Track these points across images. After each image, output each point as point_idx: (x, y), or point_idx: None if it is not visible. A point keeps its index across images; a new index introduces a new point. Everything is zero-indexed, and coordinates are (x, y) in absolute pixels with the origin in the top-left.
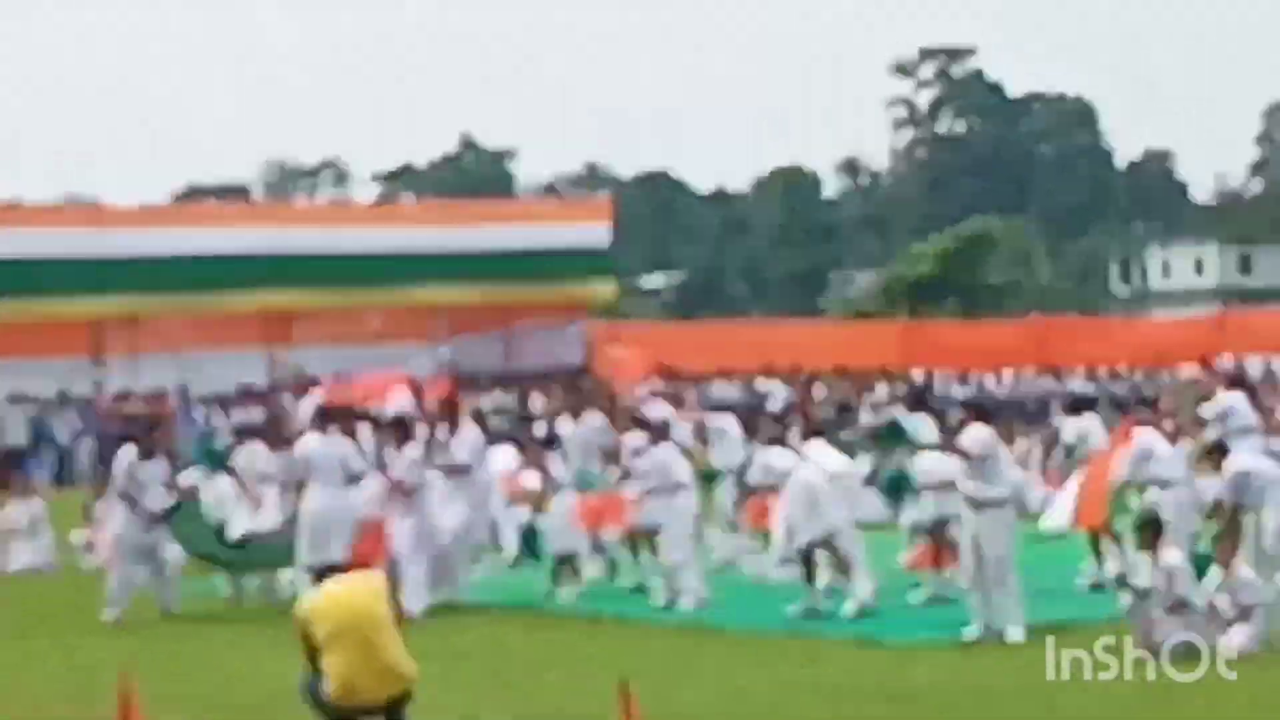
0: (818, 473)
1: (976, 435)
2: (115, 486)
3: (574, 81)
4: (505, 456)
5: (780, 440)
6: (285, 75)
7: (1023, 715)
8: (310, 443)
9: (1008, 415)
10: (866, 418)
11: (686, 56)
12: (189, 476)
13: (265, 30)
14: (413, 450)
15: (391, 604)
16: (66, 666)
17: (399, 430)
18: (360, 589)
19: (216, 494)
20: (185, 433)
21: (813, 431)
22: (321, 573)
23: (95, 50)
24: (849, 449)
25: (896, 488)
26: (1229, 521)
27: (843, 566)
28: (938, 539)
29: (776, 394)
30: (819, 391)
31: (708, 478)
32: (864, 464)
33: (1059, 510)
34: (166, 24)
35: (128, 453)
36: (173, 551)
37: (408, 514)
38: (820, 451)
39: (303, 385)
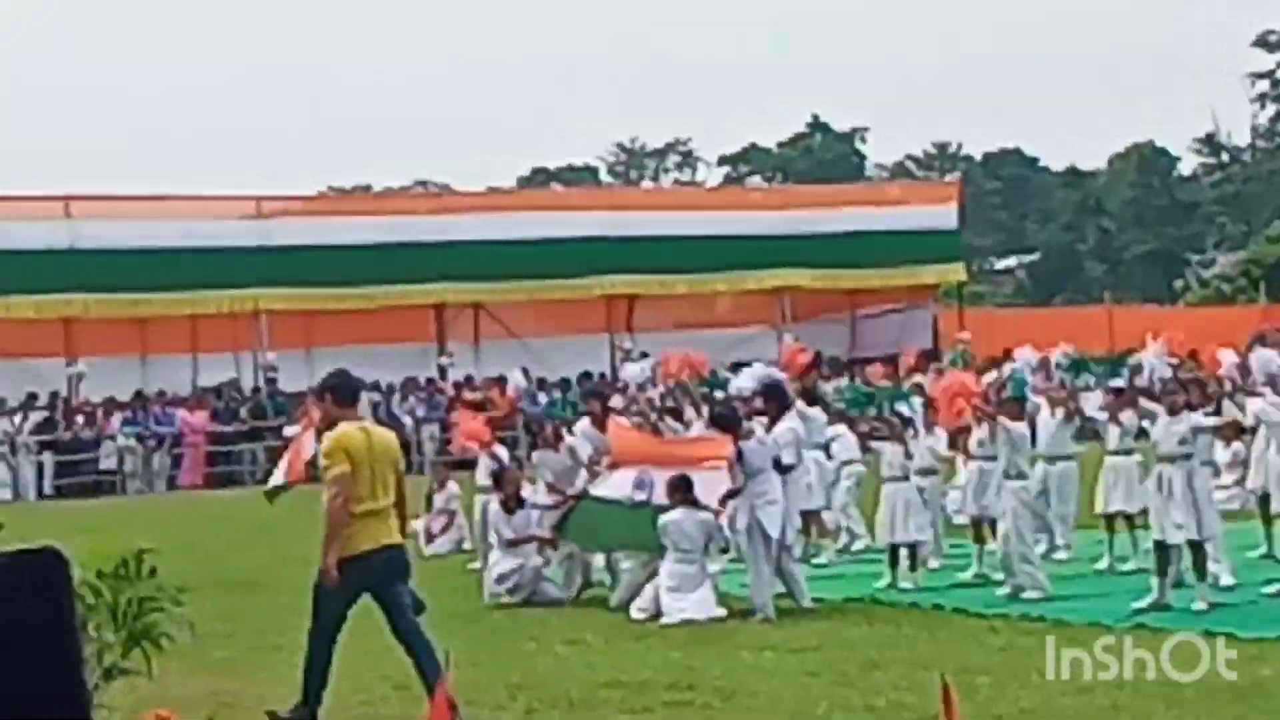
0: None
1: None
2: (485, 533)
3: (924, 59)
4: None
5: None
6: (634, 56)
7: None
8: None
9: None
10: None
11: (1035, 32)
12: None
13: (613, 12)
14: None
15: None
16: (398, 655)
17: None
18: (384, 434)
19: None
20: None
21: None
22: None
23: (444, 34)
24: None
25: None
26: None
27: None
28: None
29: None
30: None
31: None
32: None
33: None
34: (516, 8)
35: (492, 504)
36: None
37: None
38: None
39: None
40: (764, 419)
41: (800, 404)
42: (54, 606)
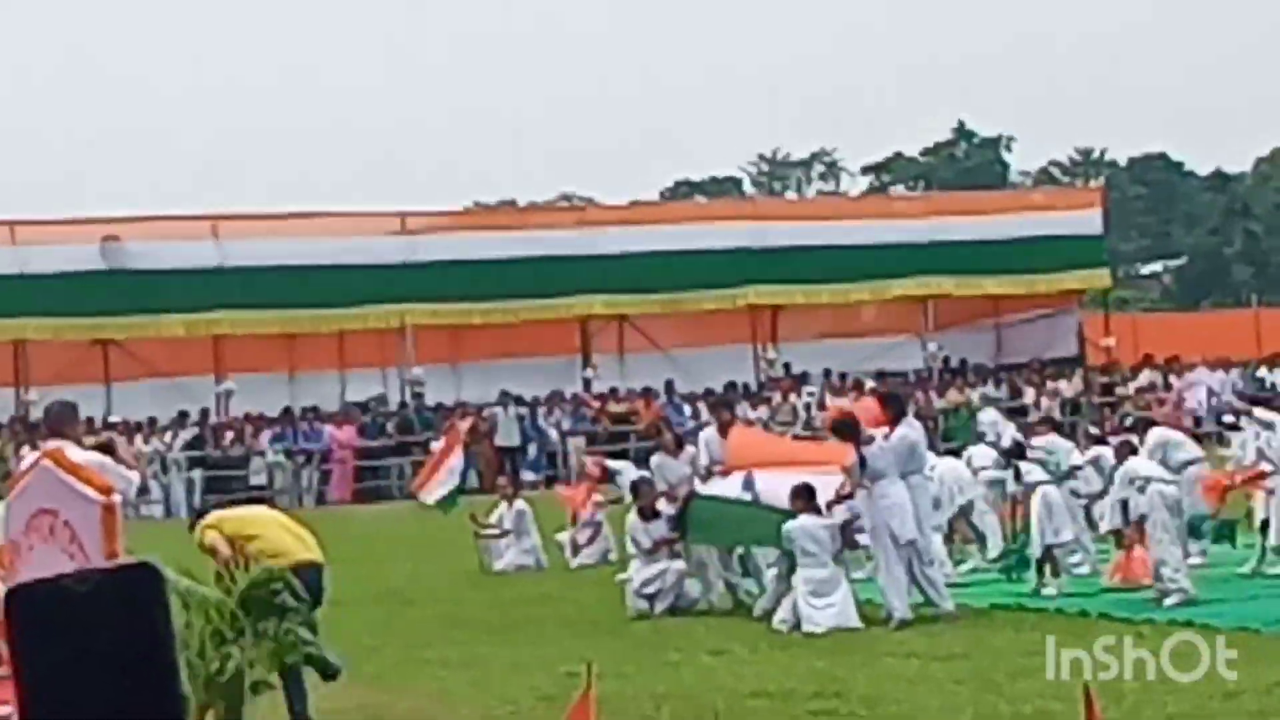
0: None
1: None
2: (629, 538)
3: (1068, 65)
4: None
5: None
6: (777, 67)
7: None
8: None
9: None
10: None
11: (1180, 35)
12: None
13: (756, 23)
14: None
15: None
16: (545, 667)
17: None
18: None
19: None
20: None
21: None
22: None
23: (586, 47)
24: None
25: None
26: None
27: None
28: None
29: (1279, 383)
30: None
31: None
32: None
33: None
34: (660, 21)
35: (631, 514)
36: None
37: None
38: None
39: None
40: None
41: None
42: (148, 623)
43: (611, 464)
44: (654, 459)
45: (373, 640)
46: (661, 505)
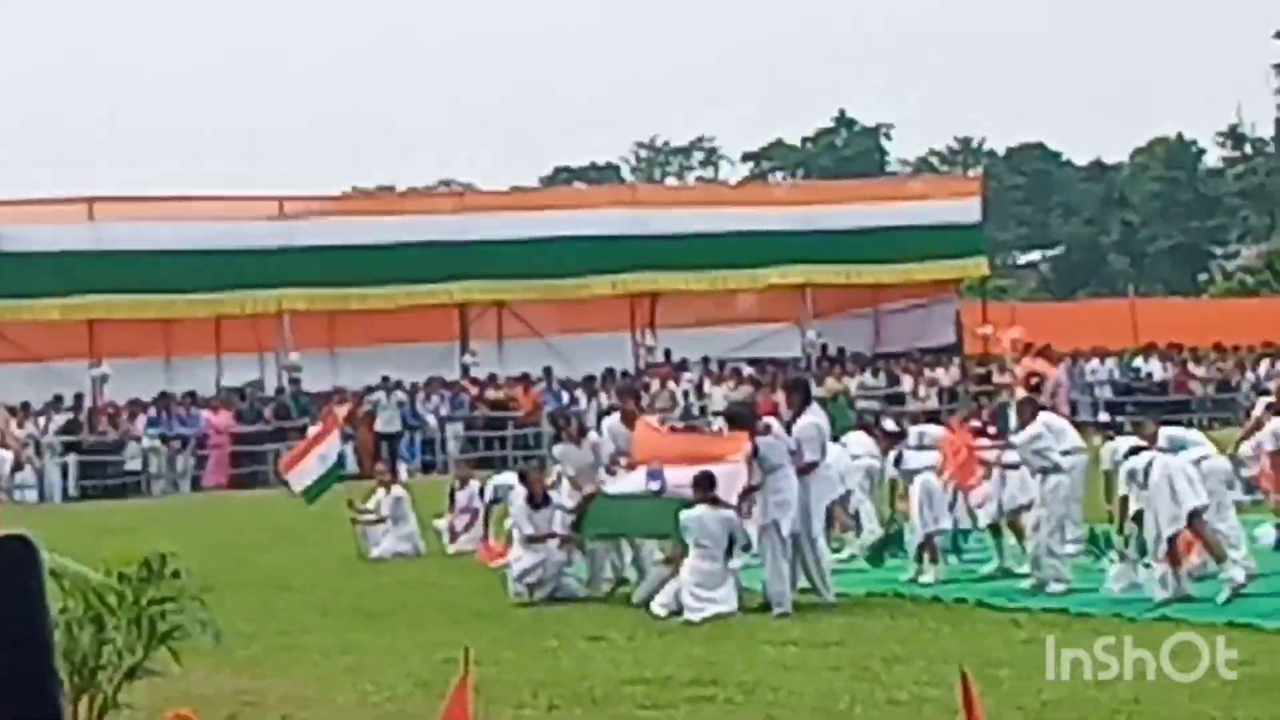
0: (1177, 459)
1: None
2: (514, 524)
3: (947, 55)
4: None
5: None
6: (657, 54)
7: None
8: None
9: None
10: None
11: (1059, 26)
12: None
13: (636, 9)
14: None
15: None
16: (422, 653)
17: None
18: None
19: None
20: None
21: None
22: None
23: (465, 34)
24: None
25: None
26: None
27: (1214, 550)
28: None
29: (1154, 373)
30: (1198, 370)
31: None
32: None
33: None
34: (536, 10)
35: (519, 497)
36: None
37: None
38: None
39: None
40: None
41: None
42: (22, 596)
43: (493, 487)
44: (557, 448)
45: (248, 626)
46: (565, 491)
